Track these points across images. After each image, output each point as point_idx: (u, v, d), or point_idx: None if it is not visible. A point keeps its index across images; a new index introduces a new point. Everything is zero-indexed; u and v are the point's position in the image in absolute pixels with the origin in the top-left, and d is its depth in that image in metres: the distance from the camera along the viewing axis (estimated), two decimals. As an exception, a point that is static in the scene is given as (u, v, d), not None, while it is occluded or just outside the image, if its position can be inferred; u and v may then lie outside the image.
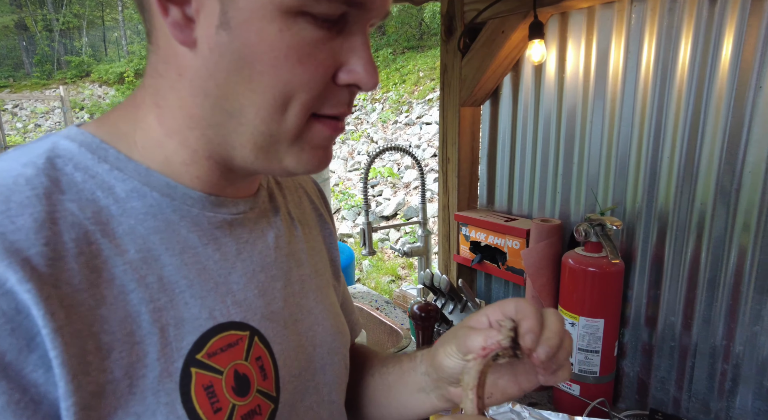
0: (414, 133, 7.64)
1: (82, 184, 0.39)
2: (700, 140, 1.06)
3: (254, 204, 0.51)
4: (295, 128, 0.41)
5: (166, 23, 0.38)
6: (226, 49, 0.37)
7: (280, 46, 0.37)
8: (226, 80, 0.38)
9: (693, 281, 1.10)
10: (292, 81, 0.38)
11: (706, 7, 1.02)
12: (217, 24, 0.37)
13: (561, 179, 1.36)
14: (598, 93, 1.25)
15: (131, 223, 0.40)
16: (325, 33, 0.38)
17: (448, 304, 1.39)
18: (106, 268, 0.37)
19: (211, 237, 0.45)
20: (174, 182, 0.43)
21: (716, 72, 1.01)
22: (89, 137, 0.42)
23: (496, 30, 1.38)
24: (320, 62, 0.39)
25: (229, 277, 0.45)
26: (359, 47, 0.40)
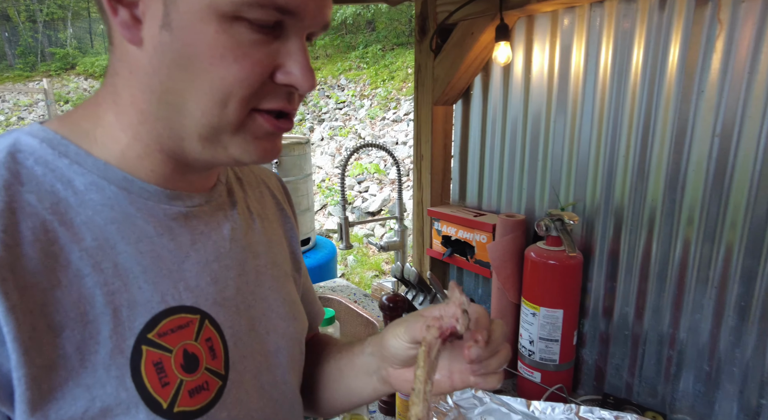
0: (401, 129, 7.69)
1: (42, 177, 0.42)
2: (651, 140, 1.12)
3: (210, 198, 0.54)
4: (235, 121, 0.44)
5: (115, 23, 0.42)
6: (168, 48, 0.41)
7: (217, 46, 0.40)
8: (168, 77, 0.42)
9: (645, 273, 1.17)
10: (229, 78, 0.41)
11: (656, 14, 1.07)
12: (160, 25, 0.40)
13: (527, 176, 1.42)
14: (561, 94, 1.30)
15: (89, 214, 0.43)
16: (261, 37, 0.42)
17: (419, 295, 1.44)
18: (62, 254, 0.41)
19: (167, 228, 0.48)
20: (131, 176, 0.46)
21: (665, 76, 1.07)
22: (51, 134, 0.45)
23: (466, 31, 1.43)
24: (256, 61, 0.42)
25: (183, 265, 0.49)
26: (295, 51, 0.43)
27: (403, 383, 0.57)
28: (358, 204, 5.83)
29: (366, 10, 11.94)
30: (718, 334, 1.04)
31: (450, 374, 0.54)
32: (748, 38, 0.93)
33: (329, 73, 11.61)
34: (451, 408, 1.14)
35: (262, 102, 0.44)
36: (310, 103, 10.85)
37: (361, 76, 10.84)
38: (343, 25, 12.78)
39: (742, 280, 0.99)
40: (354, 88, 10.60)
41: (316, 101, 10.76)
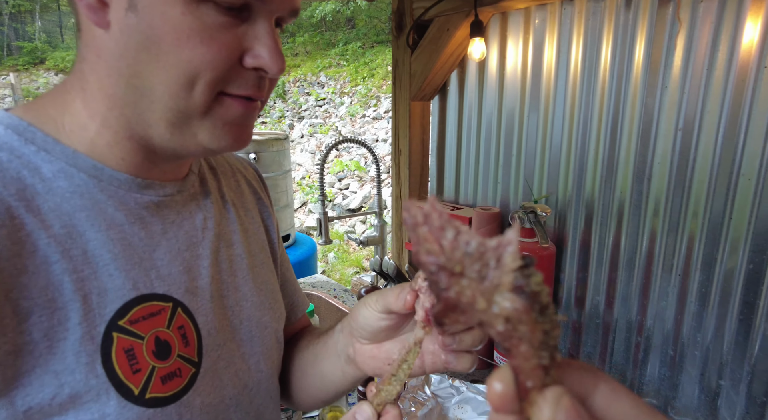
0: (381, 127, 7.69)
1: (7, 163, 0.41)
2: (619, 134, 1.16)
3: (182, 187, 0.54)
4: (202, 104, 0.43)
5: (81, 6, 0.41)
6: (134, 30, 0.40)
7: (183, 28, 0.40)
8: (135, 59, 0.41)
9: (614, 263, 1.21)
10: (195, 60, 0.41)
11: (622, 12, 1.11)
12: (126, 7, 0.40)
13: (501, 170, 1.45)
14: (534, 90, 1.33)
15: (57, 201, 0.43)
16: (229, 19, 0.41)
17: (397, 289, 1.46)
18: (29, 240, 0.40)
19: (138, 216, 0.48)
20: (101, 164, 0.46)
21: (631, 72, 1.11)
22: (16, 120, 0.44)
23: (441, 28, 1.45)
24: (223, 44, 0.41)
25: (154, 254, 0.48)
26: (264, 34, 0.43)
27: (369, 361, 0.54)
28: (338, 201, 5.82)
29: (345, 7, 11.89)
30: (681, 320, 1.09)
31: (422, 355, 0.52)
32: (706, 37, 0.97)
33: (309, 70, 11.52)
34: (428, 397, 1.16)
35: (231, 87, 0.44)
36: (290, 101, 10.76)
37: (341, 73, 10.80)
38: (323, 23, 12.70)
39: (703, 267, 1.03)
40: (334, 85, 10.55)
41: (296, 98, 10.67)
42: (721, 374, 1.03)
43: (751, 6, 0.91)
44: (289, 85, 11.42)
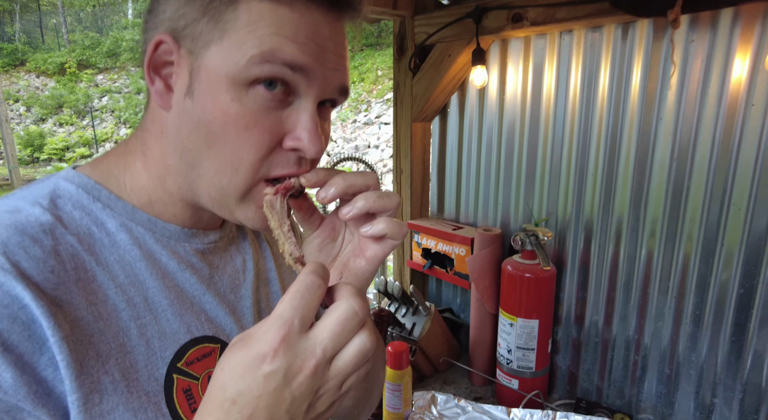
0: (373, 132, 7.73)
1: (80, 220, 0.47)
2: (617, 160, 1.21)
3: (223, 233, 0.59)
4: (243, 186, 0.47)
5: (152, 91, 0.47)
6: (190, 113, 0.45)
7: (230, 113, 0.44)
8: (188, 139, 0.46)
9: (612, 283, 1.26)
10: (240, 143, 0.45)
11: (619, 45, 1.16)
12: (185, 93, 0.45)
13: (502, 191, 1.50)
14: (534, 114, 1.38)
15: (120, 253, 0.48)
16: (274, 103, 0.44)
17: (401, 308, 1.50)
18: (101, 290, 0.45)
19: (188, 263, 0.53)
20: (155, 218, 0.51)
21: (628, 101, 1.16)
22: (85, 179, 0.49)
23: (443, 53, 1.49)
24: (266, 128, 0.45)
25: (203, 298, 0.54)
26: (305, 117, 0.46)
27: None
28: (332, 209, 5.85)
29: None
30: (677, 340, 1.14)
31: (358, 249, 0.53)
32: (698, 73, 1.02)
33: (298, 74, 11.52)
34: (435, 418, 1.20)
35: (272, 170, 0.47)
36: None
37: (331, 77, 10.82)
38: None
39: (697, 290, 1.09)
40: (323, 89, 10.57)
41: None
42: (715, 392, 1.08)
43: (739, 45, 0.97)
44: (278, 89, 11.39)
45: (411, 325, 1.47)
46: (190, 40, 0.44)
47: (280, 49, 0.43)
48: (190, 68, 0.45)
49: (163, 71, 0.47)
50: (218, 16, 0.43)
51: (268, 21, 0.43)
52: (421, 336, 1.42)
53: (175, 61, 0.46)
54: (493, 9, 1.31)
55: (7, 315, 0.38)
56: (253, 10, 0.43)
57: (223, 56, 0.43)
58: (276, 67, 0.43)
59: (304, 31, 0.44)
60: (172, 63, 0.46)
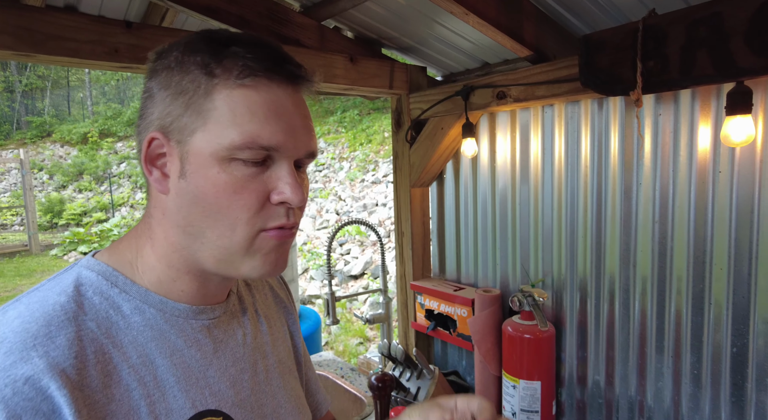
0: (380, 191, 7.92)
1: (99, 305, 0.53)
2: (603, 223, 1.27)
3: (226, 308, 0.64)
4: (244, 241, 0.53)
5: (150, 180, 0.55)
6: (186, 192, 0.53)
7: (220, 183, 0.52)
8: (189, 213, 0.53)
9: (611, 342, 1.28)
10: (232, 207, 0.52)
11: (596, 116, 1.27)
12: (179, 175, 0.53)
13: (499, 252, 1.55)
14: (524, 180, 1.47)
15: (134, 334, 0.53)
16: (255, 169, 0.52)
17: (405, 372, 1.51)
18: (115, 372, 0.50)
19: (194, 340, 0.58)
20: (166, 299, 0.57)
21: (609, 168, 1.25)
22: (103, 266, 0.56)
23: (436, 126, 1.62)
24: (252, 190, 0.52)
25: (207, 372, 0.58)
26: (284, 175, 0.53)
27: None
28: (340, 267, 5.88)
29: (342, 78, 12.59)
30: (679, 400, 1.14)
31: None
32: (668, 143, 1.11)
33: (308, 137, 11.99)
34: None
35: (267, 222, 0.54)
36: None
37: (340, 139, 11.26)
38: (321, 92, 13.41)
39: (693, 349, 1.11)
40: (333, 150, 10.96)
41: (296, 164, 11.02)
42: (723, 455, 1.07)
43: (700, 118, 1.06)
44: (289, 152, 11.82)
45: (416, 390, 1.47)
46: (177, 133, 0.53)
47: (258, 135, 0.51)
48: (181, 155, 0.53)
49: (158, 162, 0.54)
50: (198, 107, 0.52)
51: (242, 109, 0.51)
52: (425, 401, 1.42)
53: (167, 152, 0.54)
54: (479, 87, 1.44)
55: (31, 408, 0.43)
56: (228, 99, 0.51)
57: (208, 139, 0.51)
58: (255, 151, 0.51)
59: (272, 110, 0.52)
60: (165, 154, 0.54)
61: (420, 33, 1.54)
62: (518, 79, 1.35)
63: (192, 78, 0.52)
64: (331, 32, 1.60)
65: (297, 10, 1.53)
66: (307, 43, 1.52)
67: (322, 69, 1.50)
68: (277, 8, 1.47)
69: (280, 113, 0.53)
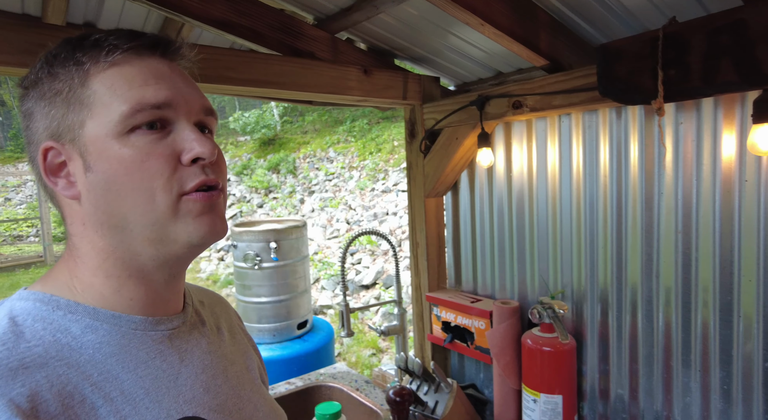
0: (391, 200, 7.92)
1: (43, 331, 0.50)
2: (624, 233, 1.25)
3: (185, 318, 0.62)
4: (167, 208, 0.52)
5: (58, 191, 0.54)
6: (96, 183, 0.52)
7: (126, 158, 0.51)
8: (106, 203, 0.52)
9: (634, 356, 1.25)
10: (145, 177, 0.51)
11: (615, 125, 1.25)
12: (84, 171, 0.52)
13: (517, 263, 1.53)
14: (541, 189, 1.45)
15: (90, 353, 0.51)
16: (156, 135, 0.52)
17: (423, 385, 1.48)
18: (76, 391, 0.48)
19: (157, 351, 0.56)
20: (118, 313, 0.54)
21: (629, 177, 1.23)
22: (39, 294, 0.53)
23: (451, 136, 1.61)
24: (159, 154, 0.52)
25: (178, 381, 0.56)
26: (186, 132, 0.53)
27: None
28: (351, 277, 5.86)
29: (351, 88, 12.67)
30: (708, 417, 1.10)
31: None
32: (690, 152, 1.09)
33: (318, 146, 12.08)
34: None
35: (184, 184, 0.53)
36: (300, 176, 11.17)
37: (349, 148, 11.30)
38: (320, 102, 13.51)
39: (722, 364, 1.07)
40: (343, 160, 11.00)
41: (306, 174, 11.09)
42: (756, 474, 1.03)
43: (724, 126, 1.04)
44: (299, 161, 11.91)
45: (434, 404, 1.45)
46: (68, 132, 0.52)
47: (143, 96, 0.51)
48: (79, 151, 0.52)
49: (60, 172, 0.53)
50: (78, 99, 0.52)
51: (120, 81, 0.52)
52: (444, 415, 1.40)
53: (65, 157, 0.53)
54: (494, 97, 1.43)
55: None
56: (104, 79, 0.52)
57: (99, 123, 0.51)
58: (146, 112, 0.52)
59: (150, 75, 0.53)
60: (64, 161, 0.53)
61: (433, 43, 1.54)
62: (534, 89, 1.34)
63: (63, 77, 0.53)
64: (343, 44, 1.60)
65: (310, 22, 1.54)
66: (321, 56, 1.52)
67: (335, 81, 1.51)
68: (290, 21, 1.48)
69: (158, 76, 0.54)
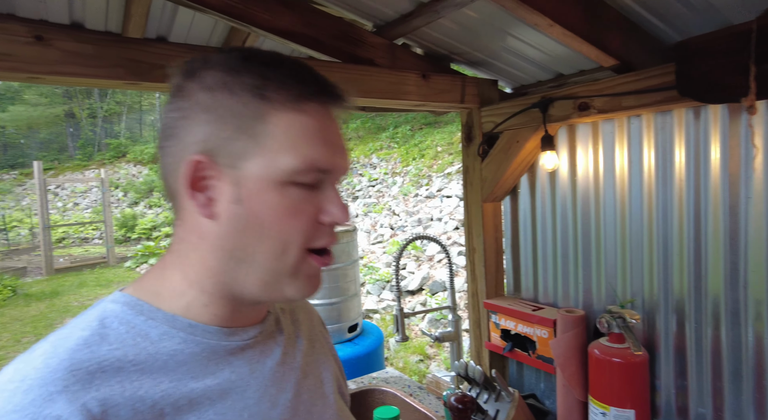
0: (435, 205, 7.87)
1: (125, 334, 0.52)
2: (703, 238, 1.17)
3: (262, 329, 0.62)
4: (294, 263, 0.54)
5: (194, 205, 0.53)
6: (241, 217, 0.52)
7: (278, 208, 0.52)
8: (240, 238, 0.53)
9: (717, 372, 1.16)
10: (288, 230, 0.53)
11: (692, 126, 1.18)
12: (231, 201, 0.52)
13: (582, 270, 1.47)
14: (608, 193, 1.39)
15: (164, 359, 0.52)
16: (309, 192, 0.54)
17: (483, 393, 1.45)
18: (148, 397, 0.49)
19: (227, 362, 0.56)
20: (195, 322, 0.55)
21: (709, 181, 1.15)
22: (128, 297, 0.55)
23: (511, 139, 1.58)
24: (306, 213, 0.54)
25: (245, 394, 0.56)
26: (332, 197, 0.56)
27: None
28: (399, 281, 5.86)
29: (394, 94, 12.75)
30: (806, 441, 1.01)
31: None
32: (786, 153, 1.01)
33: (361, 152, 12.21)
34: None
35: (313, 242, 0.55)
36: (344, 182, 11.32)
37: (392, 154, 11.35)
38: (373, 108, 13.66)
39: (823, 383, 0.98)
40: (386, 166, 11.06)
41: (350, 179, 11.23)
42: None
43: (826, 124, 0.96)
44: (343, 168, 12.06)
45: (494, 412, 1.41)
46: (227, 157, 0.51)
47: (316, 159, 0.52)
48: (233, 179, 0.52)
49: (203, 188, 0.53)
50: (251, 131, 0.51)
51: (299, 132, 0.52)
52: (506, 426, 1.36)
53: (213, 176, 0.52)
54: (558, 99, 1.39)
55: None
56: (281, 122, 0.52)
57: (265, 164, 0.51)
58: (313, 174, 0.53)
59: (324, 133, 0.54)
60: (210, 177, 0.52)
61: (492, 46, 1.52)
62: (602, 90, 1.30)
63: (241, 100, 0.51)
64: (401, 50, 1.61)
65: (370, 29, 1.56)
66: (380, 63, 1.54)
67: (394, 86, 1.52)
68: (351, 29, 1.51)
69: (329, 136, 0.55)
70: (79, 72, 1.02)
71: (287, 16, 1.36)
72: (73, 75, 1.02)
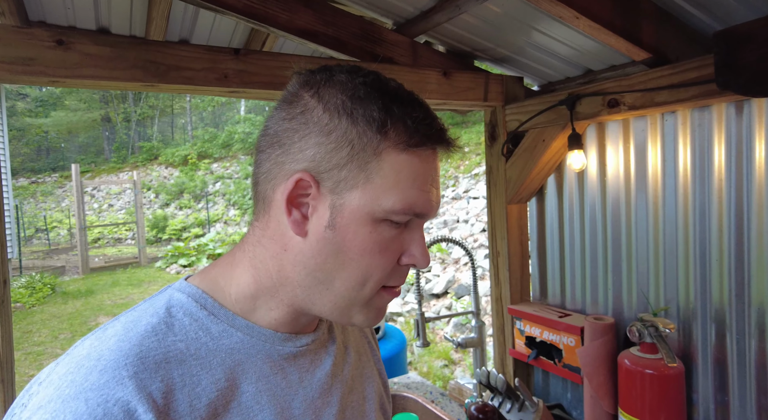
0: (461, 207, 7.77)
1: (189, 326, 0.53)
2: (746, 243, 1.09)
3: (315, 337, 0.62)
4: (368, 297, 0.55)
5: (288, 220, 0.53)
6: (330, 242, 0.53)
7: (368, 242, 0.52)
8: (325, 261, 0.53)
9: (762, 388, 1.08)
10: (372, 265, 0.53)
11: (733, 121, 1.10)
12: (326, 225, 0.52)
13: (611, 276, 1.40)
14: (640, 194, 1.32)
15: (222, 356, 0.53)
16: (398, 231, 0.54)
17: (506, 402, 1.40)
18: (204, 394, 0.50)
19: (280, 367, 0.57)
20: (252, 324, 0.56)
21: (753, 179, 1.07)
22: (194, 289, 0.56)
23: (537, 138, 1.52)
24: (392, 252, 0.54)
25: (292, 403, 0.56)
26: (418, 239, 0.56)
27: None
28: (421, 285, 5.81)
29: (419, 95, 12.68)
30: None
31: None
32: (841, 150, 0.93)
33: (386, 154, 12.19)
34: None
35: (390, 281, 0.56)
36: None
37: (417, 156, 11.28)
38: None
39: None
40: (410, 167, 11.01)
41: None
42: None
43: None
44: (367, 169, 12.09)
45: (518, 423, 1.36)
46: (332, 182, 0.52)
47: (415, 203, 0.53)
48: (332, 205, 0.52)
49: (300, 205, 0.53)
50: (363, 164, 0.51)
51: (406, 173, 0.52)
52: (530, 437, 1.30)
53: (311, 195, 0.52)
54: (586, 96, 1.33)
55: None
56: (395, 162, 0.51)
57: (367, 199, 0.51)
58: (409, 215, 0.53)
59: (429, 177, 0.54)
60: (308, 195, 0.53)
61: (516, 42, 1.47)
62: (633, 85, 1.23)
63: (361, 132, 0.51)
64: (422, 48, 1.58)
65: (390, 27, 1.53)
66: (400, 61, 1.51)
67: (415, 85, 1.48)
68: (371, 28, 1.48)
69: (432, 181, 0.55)
70: (97, 75, 1.03)
71: (306, 15, 1.35)
72: (91, 78, 1.03)
